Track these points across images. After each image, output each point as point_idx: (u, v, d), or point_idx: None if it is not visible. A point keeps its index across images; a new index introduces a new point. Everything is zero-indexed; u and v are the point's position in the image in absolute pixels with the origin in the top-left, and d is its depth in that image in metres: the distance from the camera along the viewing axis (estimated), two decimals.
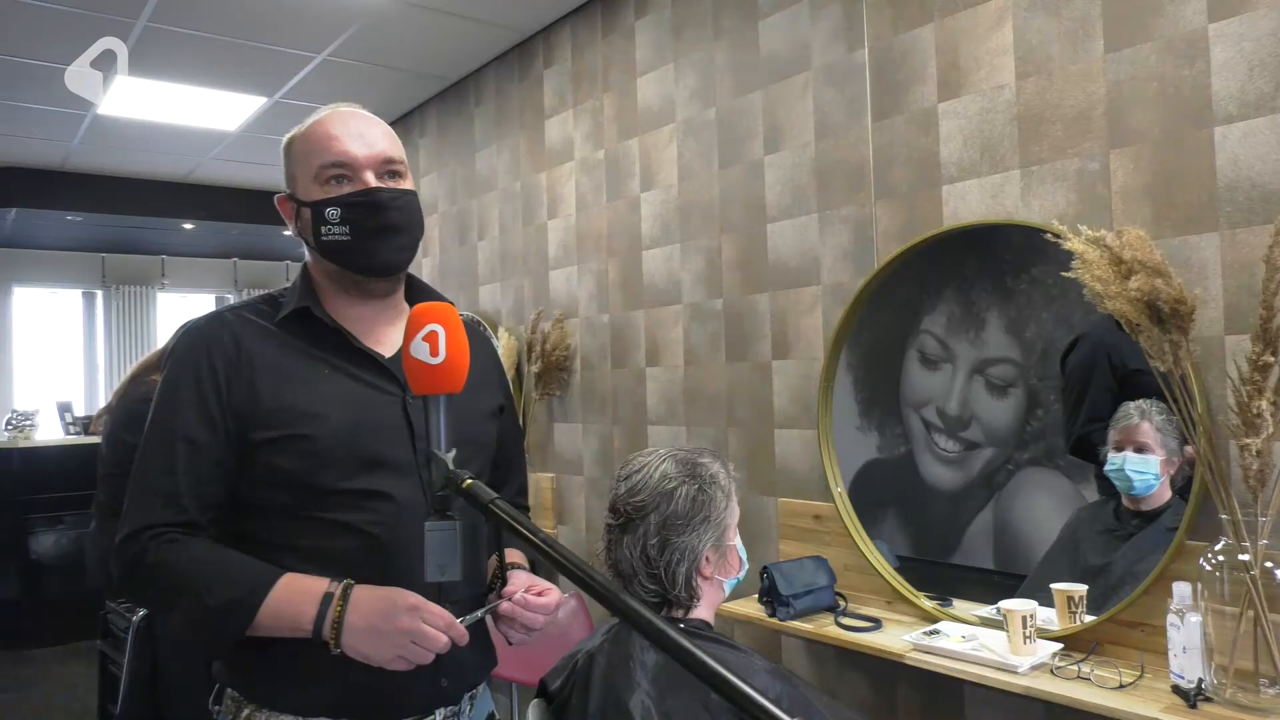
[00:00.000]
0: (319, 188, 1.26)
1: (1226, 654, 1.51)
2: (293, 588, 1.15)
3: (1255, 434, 1.46)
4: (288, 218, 1.33)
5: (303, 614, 1.13)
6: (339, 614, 1.12)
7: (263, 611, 1.13)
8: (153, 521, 1.17)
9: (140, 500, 1.20)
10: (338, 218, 1.24)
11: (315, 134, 1.27)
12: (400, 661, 1.11)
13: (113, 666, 3.05)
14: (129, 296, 8.08)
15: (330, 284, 1.31)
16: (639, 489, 1.36)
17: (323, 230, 1.25)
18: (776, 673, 1.31)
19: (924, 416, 2.25)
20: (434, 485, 1.02)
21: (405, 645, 1.10)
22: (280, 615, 1.14)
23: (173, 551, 1.16)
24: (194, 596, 1.14)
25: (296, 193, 1.29)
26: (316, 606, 1.13)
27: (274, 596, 1.14)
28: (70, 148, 4.96)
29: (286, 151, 1.32)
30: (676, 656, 0.74)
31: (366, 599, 1.13)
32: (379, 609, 1.12)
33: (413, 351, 1.05)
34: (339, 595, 1.13)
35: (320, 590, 1.14)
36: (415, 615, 1.11)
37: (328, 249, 1.26)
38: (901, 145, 2.20)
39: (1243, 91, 1.62)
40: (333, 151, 1.25)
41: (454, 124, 4.12)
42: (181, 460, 1.19)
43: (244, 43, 3.53)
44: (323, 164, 1.25)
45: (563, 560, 0.86)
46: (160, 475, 1.19)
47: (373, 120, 1.31)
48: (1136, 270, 1.56)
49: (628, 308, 3.07)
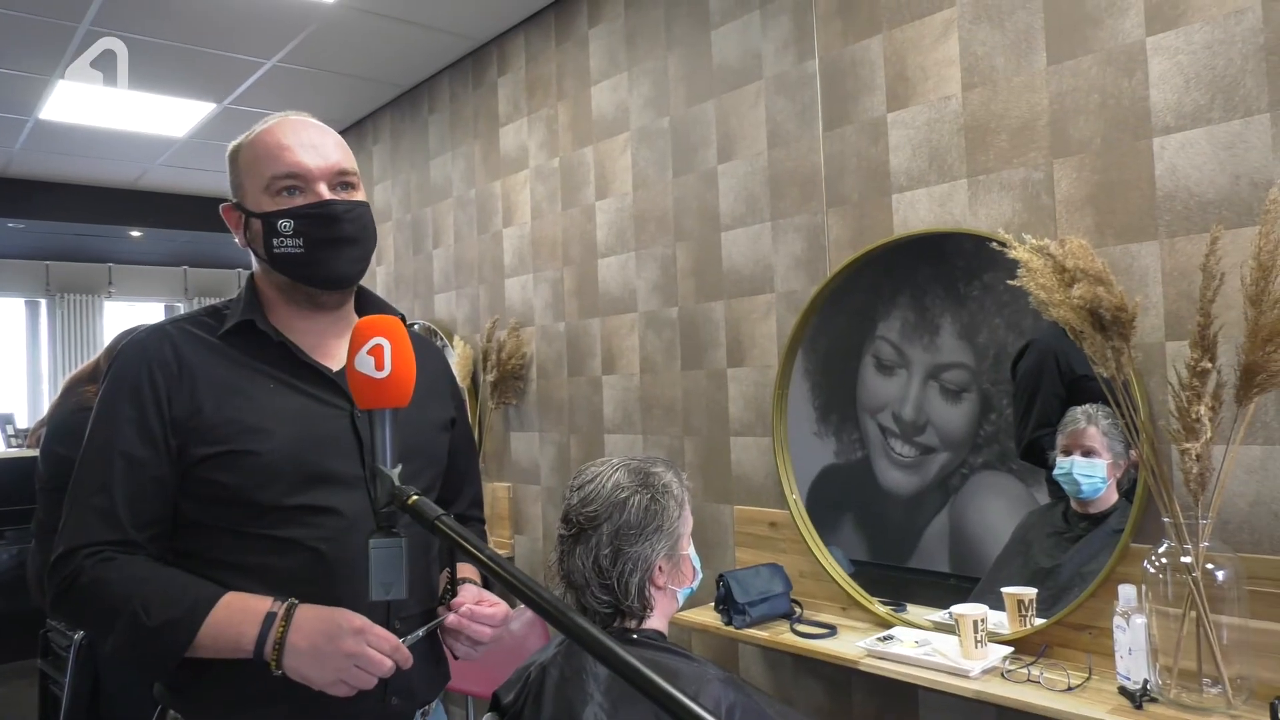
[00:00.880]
0: (270, 199, 1.23)
1: (1170, 655, 1.53)
2: (233, 607, 1.12)
3: (1195, 438, 1.49)
4: (234, 227, 1.30)
5: (244, 634, 1.10)
6: (281, 634, 1.10)
7: (203, 631, 1.11)
8: (88, 540, 1.14)
9: (76, 518, 1.16)
10: (291, 230, 1.21)
11: (265, 143, 1.24)
12: (341, 686, 1.09)
13: (54, 686, 2.97)
14: (74, 305, 7.90)
15: (279, 295, 1.29)
16: (591, 499, 1.35)
17: (275, 242, 1.22)
18: (730, 682, 1.31)
19: (880, 422, 2.27)
20: (379, 502, 1.00)
21: (348, 669, 1.08)
22: (220, 635, 1.11)
23: (109, 570, 1.13)
24: (131, 616, 1.10)
25: (245, 203, 1.26)
26: (258, 626, 1.10)
27: (214, 616, 1.11)
28: (11, 153, 4.83)
29: (233, 160, 1.28)
30: (624, 674, 0.73)
31: (310, 620, 1.11)
32: (322, 630, 1.10)
33: (357, 365, 1.03)
34: (281, 615, 1.11)
35: (263, 610, 1.12)
36: (360, 638, 1.09)
37: (280, 261, 1.23)
38: (852, 154, 2.22)
39: (1180, 103, 1.66)
40: (285, 162, 1.22)
41: (408, 131, 4.09)
42: (119, 477, 1.16)
43: (192, 48, 3.46)
44: (274, 174, 1.22)
45: (509, 577, 0.85)
46: (97, 492, 1.16)
47: (325, 130, 1.28)
48: (1079, 278, 1.59)
49: (583, 316, 3.06)
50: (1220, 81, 1.61)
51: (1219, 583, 1.51)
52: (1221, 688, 1.49)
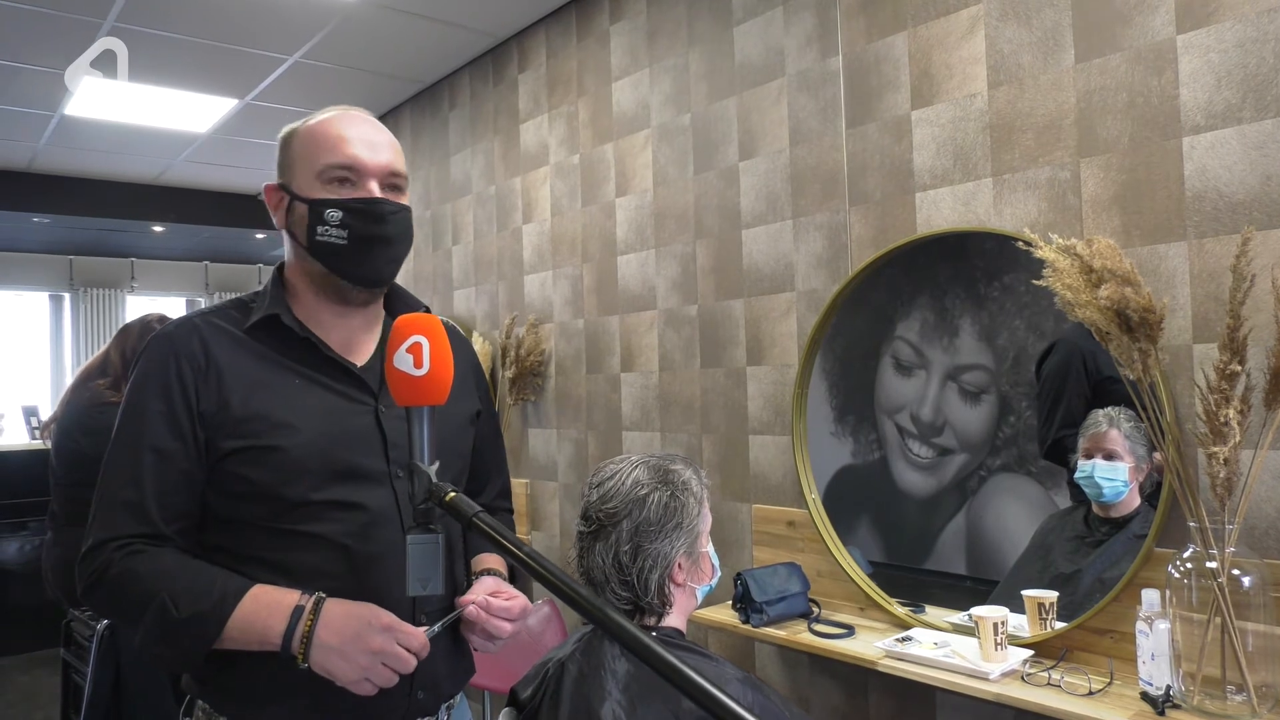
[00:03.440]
0: (320, 186, 1.23)
1: (1194, 661, 1.52)
2: (261, 600, 1.13)
3: (1222, 442, 1.47)
4: (274, 208, 1.29)
5: (271, 627, 1.11)
6: (309, 628, 1.10)
7: (230, 624, 1.11)
8: (117, 533, 1.15)
9: (105, 512, 1.17)
10: (337, 220, 1.21)
11: (324, 132, 1.24)
12: (365, 684, 1.10)
13: (76, 675, 3.00)
14: (97, 299, 7.97)
15: (309, 286, 1.28)
16: (611, 496, 1.35)
17: (319, 230, 1.22)
18: (748, 682, 1.30)
19: (898, 422, 2.26)
20: (416, 498, 1.00)
21: (374, 667, 1.09)
22: (249, 628, 1.11)
23: (138, 562, 1.14)
24: (160, 609, 1.11)
25: (292, 185, 1.25)
26: (286, 620, 1.11)
27: (243, 608, 1.12)
28: (36, 149, 4.88)
29: (286, 142, 1.28)
30: (657, 668, 0.73)
31: (339, 615, 1.11)
32: (352, 627, 1.10)
33: (396, 363, 1.03)
34: (310, 609, 1.11)
35: (290, 603, 1.12)
36: (389, 636, 1.10)
37: (320, 249, 1.23)
38: (875, 152, 2.20)
39: (1210, 102, 1.64)
40: (342, 153, 1.22)
41: (428, 128, 4.10)
42: (148, 470, 1.16)
43: (215, 44, 3.49)
44: (330, 164, 1.22)
45: (545, 573, 0.85)
46: (125, 486, 1.17)
47: (382, 129, 1.29)
48: (1106, 279, 1.57)
49: (602, 313, 3.06)
50: (1252, 80, 1.59)
51: (1245, 588, 1.49)
52: (1246, 695, 1.47)
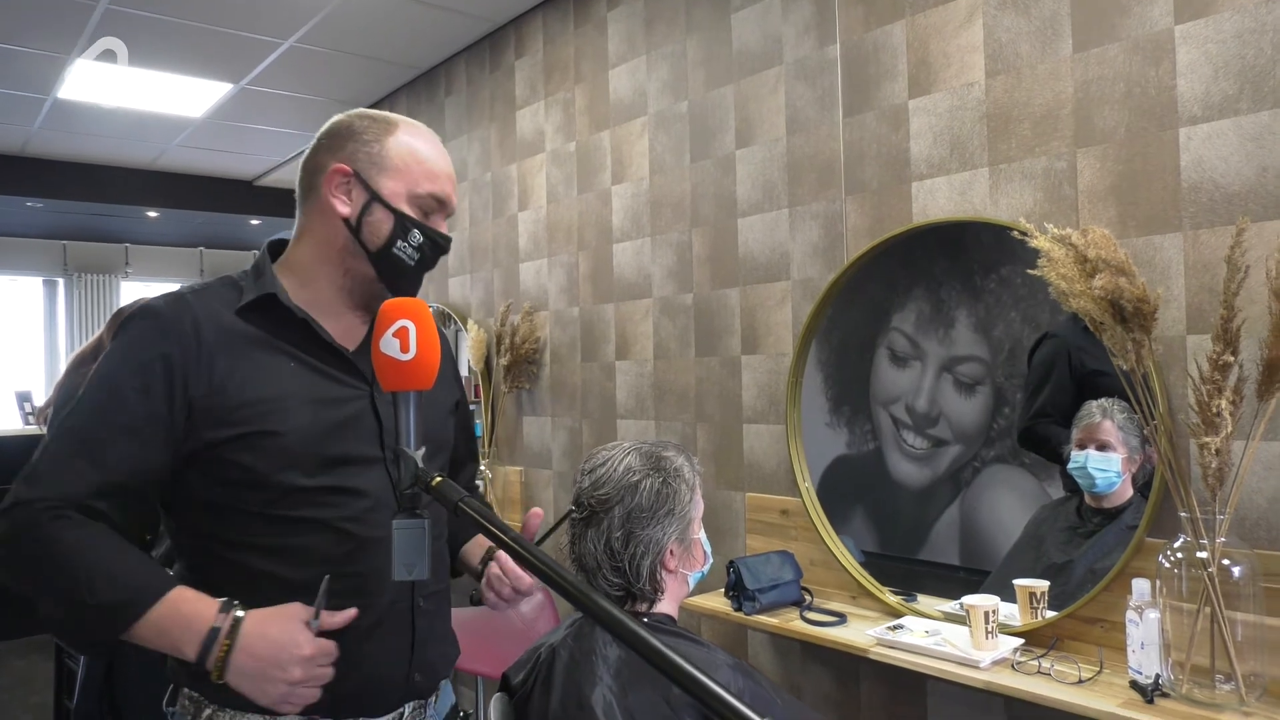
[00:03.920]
0: (409, 205, 1.26)
1: (1183, 650, 1.52)
2: (181, 609, 1.09)
3: (1214, 433, 1.48)
4: (340, 192, 1.25)
5: (185, 641, 1.08)
6: (225, 652, 1.08)
7: (143, 623, 1.08)
8: (50, 495, 1.09)
9: (45, 470, 1.11)
10: (417, 243, 1.26)
11: (425, 156, 1.28)
12: (285, 706, 1.09)
13: (69, 660, 3.00)
14: (91, 285, 7.95)
15: (335, 278, 1.27)
16: (603, 482, 1.35)
17: (396, 244, 1.25)
18: (739, 668, 1.31)
19: (893, 413, 2.26)
20: (402, 483, 1.00)
21: (294, 692, 1.08)
22: (162, 634, 1.08)
23: (65, 530, 1.08)
24: (72, 586, 1.07)
25: (379, 188, 1.25)
26: (200, 642, 1.08)
27: (160, 611, 1.08)
28: (29, 132, 4.85)
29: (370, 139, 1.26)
30: (644, 655, 0.73)
31: (257, 642, 1.08)
32: (270, 657, 1.08)
33: (382, 347, 1.03)
34: (226, 632, 1.08)
35: (206, 623, 1.08)
36: (309, 665, 1.09)
37: (387, 260, 1.26)
38: (872, 141, 2.20)
39: (1207, 93, 1.64)
40: (440, 187, 1.28)
41: (424, 114, 4.08)
42: (103, 442, 1.12)
43: (209, 28, 3.46)
44: (431, 193, 1.28)
45: (531, 558, 0.85)
46: (75, 451, 1.12)
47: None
48: (1101, 269, 1.57)
49: (598, 301, 3.06)
50: (1249, 72, 1.59)
51: (1234, 579, 1.50)
52: (1234, 684, 1.48)
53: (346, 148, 1.26)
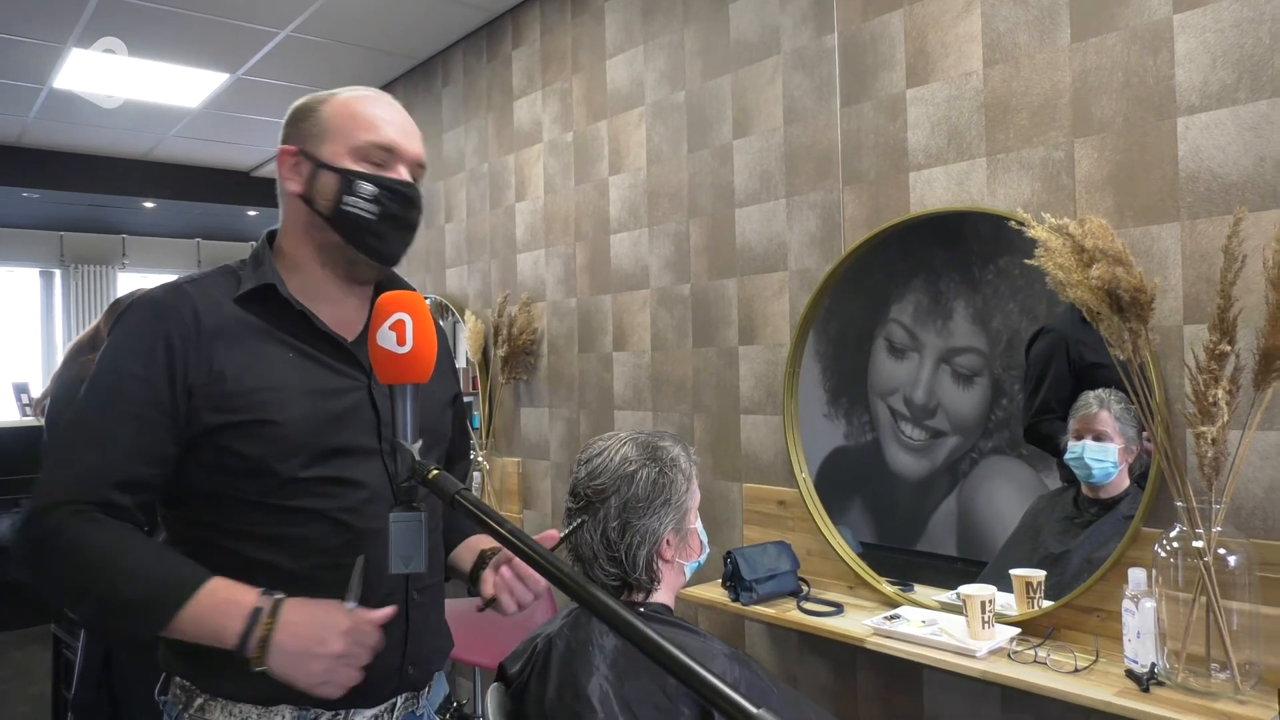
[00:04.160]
0: (353, 160, 1.24)
1: (1179, 639, 1.53)
2: (219, 595, 1.09)
3: (1211, 422, 1.48)
4: (290, 172, 1.27)
5: (226, 627, 1.06)
6: (267, 632, 1.06)
7: (182, 615, 1.07)
8: (72, 498, 1.09)
9: (61, 473, 1.12)
10: (370, 195, 1.23)
11: (365, 111, 1.26)
12: (326, 687, 1.07)
13: (67, 650, 3.00)
14: (88, 276, 7.93)
15: (314, 257, 1.27)
16: (599, 472, 1.35)
17: (346, 200, 1.22)
18: (735, 658, 1.31)
19: (891, 405, 2.26)
20: (399, 476, 1.00)
21: (336, 669, 1.07)
22: (202, 622, 1.07)
23: (93, 531, 1.08)
24: (109, 586, 1.07)
25: (319, 154, 1.25)
26: (244, 621, 1.06)
27: (198, 601, 1.07)
28: (25, 122, 4.84)
29: (309, 112, 1.28)
30: (640, 645, 0.74)
31: (298, 620, 1.07)
32: (312, 633, 1.07)
33: (379, 340, 1.03)
34: (268, 611, 1.07)
35: (249, 604, 1.07)
36: (350, 639, 1.08)
37: (344, 219, 1.23)
38: (869, 131, 2.19)
39: (1205, 83, 1.63)
40: (384, 135, 1.25)
41: (421, 104, 4.07)
42: (117, 436, 1.12)
43: (205, 17, 3.45)
44: (372, 141, 1.24)
45: (528, 550, 0.85)
46: (89, 449, 1.12)
47: (410, 119, 1.32)
48: (1098, 259, 1.57)
49: (595, 292, 3.05)
50: (1248, 61, 1.58)
51: (1230, 568, 1.50)
52: (1230, 673, 1.48)
53: (292, 131, 1.28)
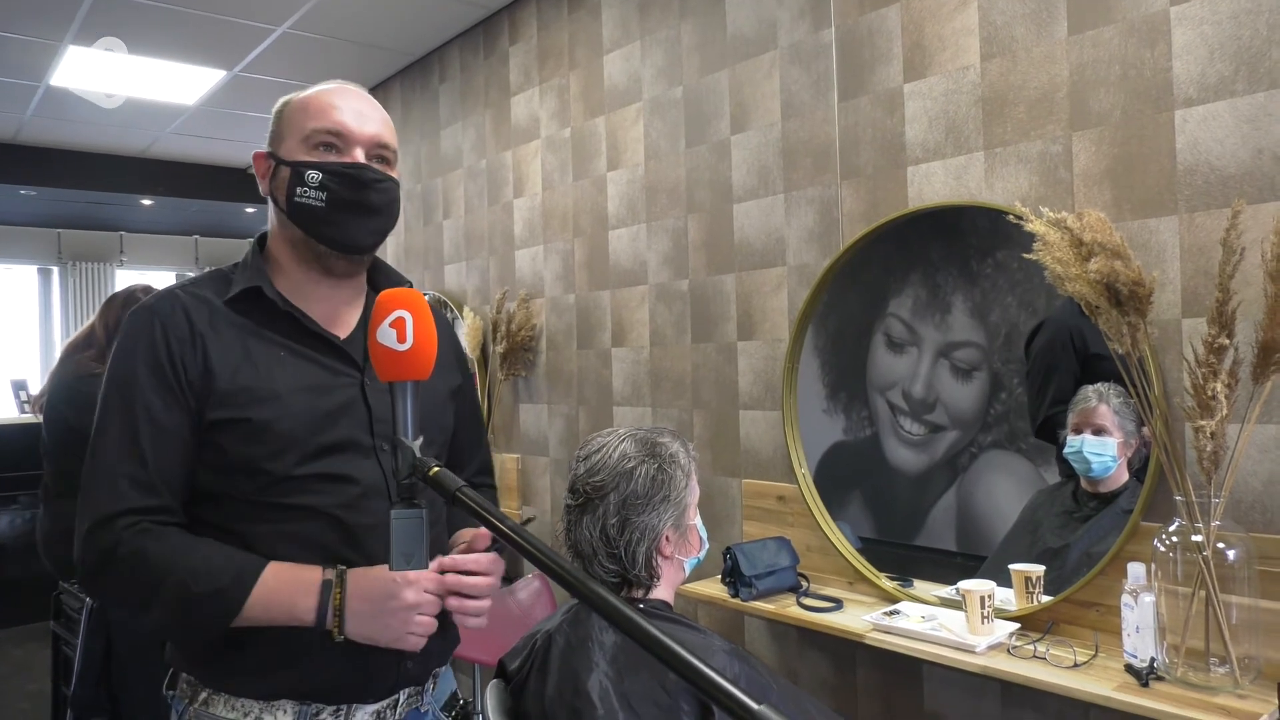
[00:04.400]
0: (305, 150, 1.23)
1: (1178, 633, 1.53)
2: (283, 577, 1.13)
3: (1210, 416, 1.47)
4: (261, 175, 1.29)
5: (299, 604, 1.12)
6: (340, 601, 1.11)
7: (251, 600, 1.11)
8: (123, 508, 1.12)
9: (104, 485, 1.14)
10: (317, 182, 1.21)
11: (315, 100, 1.26)
12: (409, 639, 1.13)
13: (66, 648, 3.00)
14: (86, 273, 7.92)
15: (291, 254, 1.27)
16: (598, 469, 1.35)
17: (297, 191, 1.22)
18: (735, 654, 1.31)
19: (890, 399, 2.26)
20: (400, 473, 1.00)
21: (411, 619, 1.12)
22: (272, 604, 1.11)
23: (147, 541, 1.11)
24: (177, 586, 1.10)
25: (279, 151, 1.26)
26: (316, 595, 1.12)
27: (263, 584, 1.12)
28: (22, 120, 4.83)
29: (279, 112, 1.29)
30: (640, 641, 0.73)
31: (364, 583, 1.13)
32: (380, 590, 1.12)
33: (379, 338, 1.02)
34: (337, 581, 1.12)
35: (317, 579, 1.13)
36: (417, 588, 1.13)
37: (298, 212, 1.22)
38: (867, 126, 2.19)
39: (1203, 75, 1.63)
40: (329, 119, 1.23)
41: (418, 100, 4.06)
42: (146, 441, 1.14)
43: (202, 14, 3.44)
44: (316, 128, 1.23)
45: (528, 546, 0.85)
46: (124, 458, 1.14)
47: (374, 104, 1.30)
48: (1096, 252, 1.57)
49: (593, 288, 3.05)
50: (1245, 53, 1.58)
51: (1229, 562, 1.50)
52: (1229, 667, 1.48)
53: (269, 134, 1.30)
